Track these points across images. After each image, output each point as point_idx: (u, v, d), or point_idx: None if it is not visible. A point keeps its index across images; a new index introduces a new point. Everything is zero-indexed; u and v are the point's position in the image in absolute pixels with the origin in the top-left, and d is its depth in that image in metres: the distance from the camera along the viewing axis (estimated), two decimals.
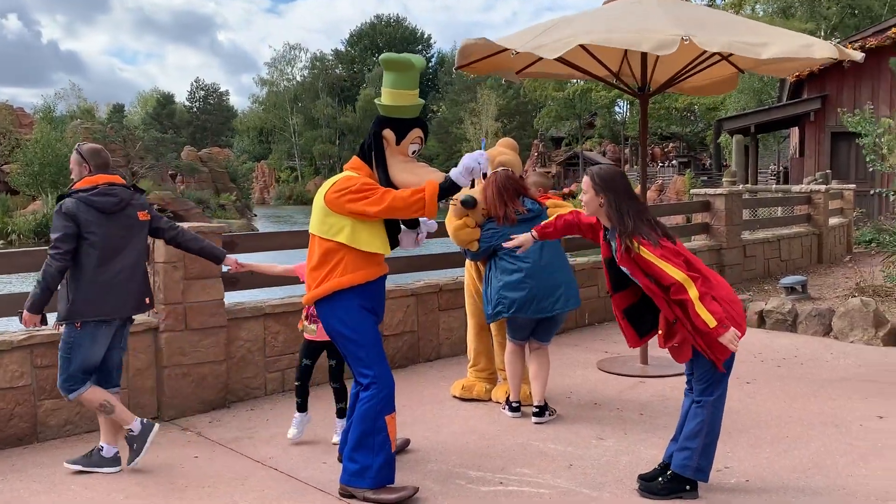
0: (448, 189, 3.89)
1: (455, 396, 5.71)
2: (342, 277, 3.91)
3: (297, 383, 4.82)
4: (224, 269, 5.06)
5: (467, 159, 3.85)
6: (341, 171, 4.21)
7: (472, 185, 5.37)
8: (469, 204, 4.52)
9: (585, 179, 4.02)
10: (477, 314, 5.68)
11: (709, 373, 3.89)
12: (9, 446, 4.77)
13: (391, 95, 4.03)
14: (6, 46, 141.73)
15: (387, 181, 4.00)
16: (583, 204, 4.06)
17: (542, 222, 4.98)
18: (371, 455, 3.90)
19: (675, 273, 3.69)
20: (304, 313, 4.74)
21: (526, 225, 4.92)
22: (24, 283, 19.20)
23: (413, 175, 4.01)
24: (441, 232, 7.26)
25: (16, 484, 4.22)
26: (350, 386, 4.17)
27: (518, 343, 5.22)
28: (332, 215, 3.93)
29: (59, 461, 4.52)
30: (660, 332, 3.96)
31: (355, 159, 4.11)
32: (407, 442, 4.66)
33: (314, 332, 4.63)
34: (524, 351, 5.26)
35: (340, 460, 4.11)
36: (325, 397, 5.40)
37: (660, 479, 3.95)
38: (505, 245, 4.55)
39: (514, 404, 5.24)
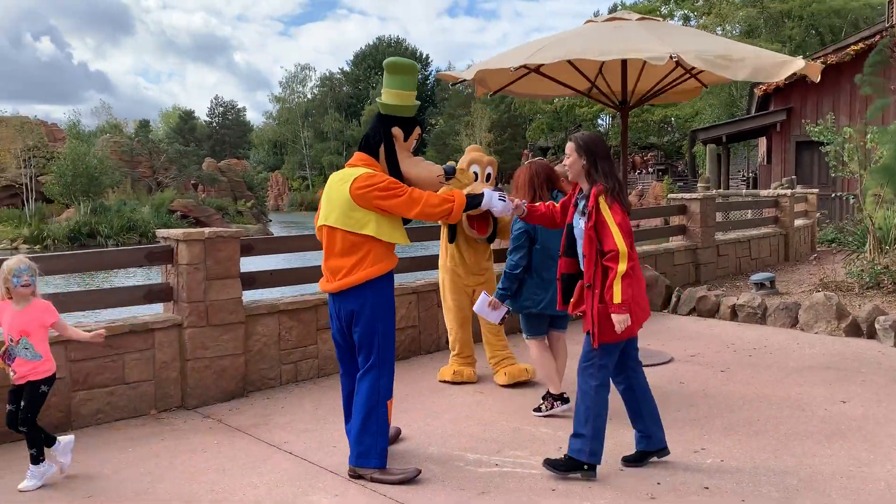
0: (471, 205, 4.05)
1: (446, 381, 5.73)
2: (372, 267, 3.91)
3: (19, 430, 3.95)
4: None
5: (500, 204, 4.12)
6: (343, 166, 4.19)
7: (488, 179, 5.53)
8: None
9: (569, 144, 4.00)
10: (456, 308, 5.71)
11: (592, 352, 3.87)
12: None
13: (398, 96, 4.07)
14: (40, 67, 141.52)
15: (396, 174, 4.03)
16: (566, 167, 4.03)
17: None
18: (375, 437, 3.91)
19: (620, 243, 3.73)
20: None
21: None
22: (56, 285, 19.20)
23: (420, 168, 4.12)
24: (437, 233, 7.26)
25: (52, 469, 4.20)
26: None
27: (540, 338, 5.04)
28: (357, 210, 3.89)
29: (91, 447, 4.51)
30: (573, 298, 3.99)
31: (363, 155, 4.07)
32: (398, 431, 4.54)
33: (13, 374, 3.92)
34: (546, 343, 5.12)
35: None
36: (336, 386, 5.39)
37: (562, 458, 3.94)
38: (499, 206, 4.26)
39: (565, 396, 4.96)
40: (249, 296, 5.79)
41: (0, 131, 43.97)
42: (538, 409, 4.96)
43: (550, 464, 3.94)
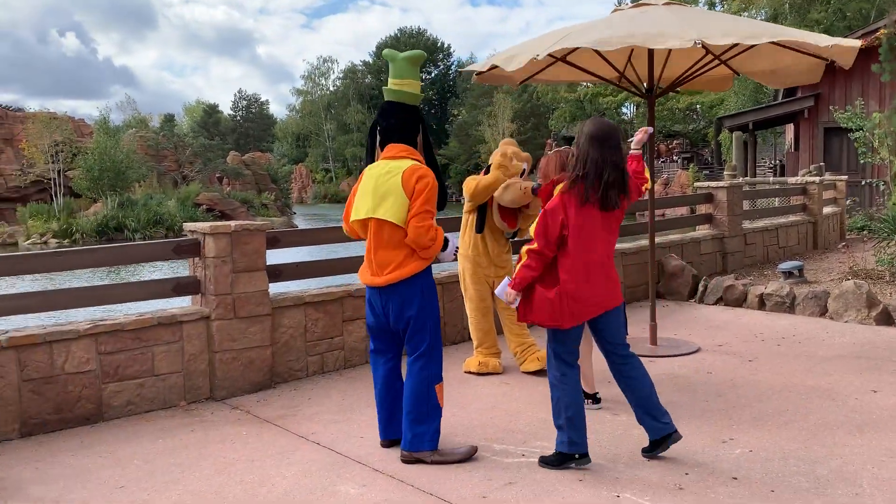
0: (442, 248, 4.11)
1: (471, 372, 5.75)
2: (420, 260, 3.99)
3: None
4: None
5: (451, 246, 4.14)
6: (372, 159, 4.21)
7: (532, 171, 5.50)
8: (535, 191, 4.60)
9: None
10: (478, 298, 5.70)
11: (548, 344, 3.98)
12: (77, 425, 4.83)
13: (418, 87, 4.17)
14: (66, 62, 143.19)
15: (432, 161, 4.15)
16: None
17: None
18: (429, 421, 4.01)
19: (535, 232, 3.86)
20: None
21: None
22: (76, 279, 19.46)
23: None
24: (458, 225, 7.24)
25: (84, 460, 4.28)
26: None
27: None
28: (409, 203, 3.92)
29: (122, 438, 4.58)
30: None
31: (405, 147, 4.08)
32: (475, 449, 4.42)
33: None
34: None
35: None
36: (362, 377, 5.44)
37: (553, 454, 3.96)
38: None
39: (597, 395, 4.91)
40: (276, 288, 5.82)
41: (28, 127, 44.54)
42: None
43: (545, 461, 3.96)
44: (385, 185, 3.96)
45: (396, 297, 3.99)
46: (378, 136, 4.16)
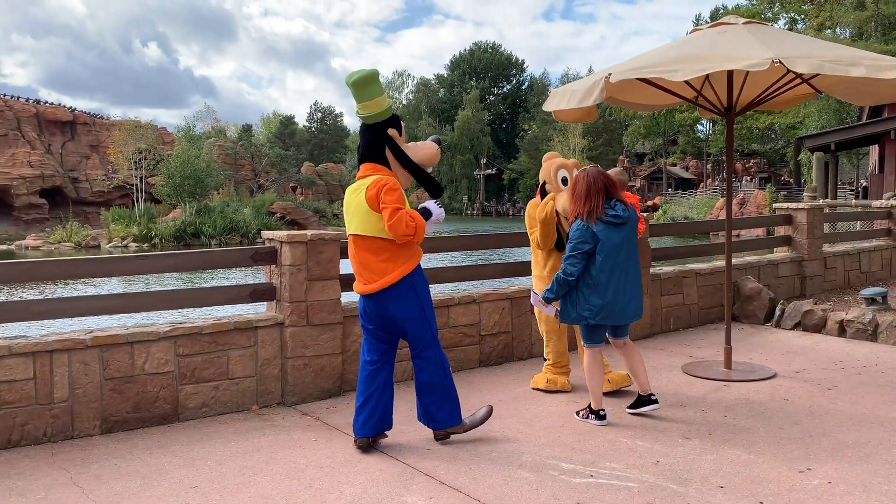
0: (427, 219, 4.40)
1: (538, 389, 5.70)
2: (405, 264, 4.34)
3: None
4: None
5: (439, 211, 4.45)
6: (354, 179, 4.64)
7: (565, 184, 5.42)
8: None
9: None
10: (553, 320, 5.64)
11: None
12: (154, 425, 4.98)
13: (376, 104, 4.41)
14: (148, 72, 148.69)
15: (409, 164, 4.45)
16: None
17: (633, 227, 4.88)
18: (451, 400, 4.53)
19: None
20: None
21: (615, 229, 4.73)
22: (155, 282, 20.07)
23: (420, 150, 4.52)
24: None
25: (160, 458, 4.40)
26: None
27: (597, 346, 4.91)
28: (374, 215, 4.28)
29: (196, 439, 4.70)
30: None
31: (370, 164, 4.43)
32: (490, 408, 4.79)
33: None
34: (602, 356, 5.03)
35: None
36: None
37: None
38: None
39: (601, 412, 4.91)
40: (348, 297, 5.90)
41: (114, 134, 46.34)
42: (577, 413, 5.07)
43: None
44: (354, 203, 4.39)
45: (391, 302, 4.35)
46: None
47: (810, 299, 8.95)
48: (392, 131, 4.43)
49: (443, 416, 4.52)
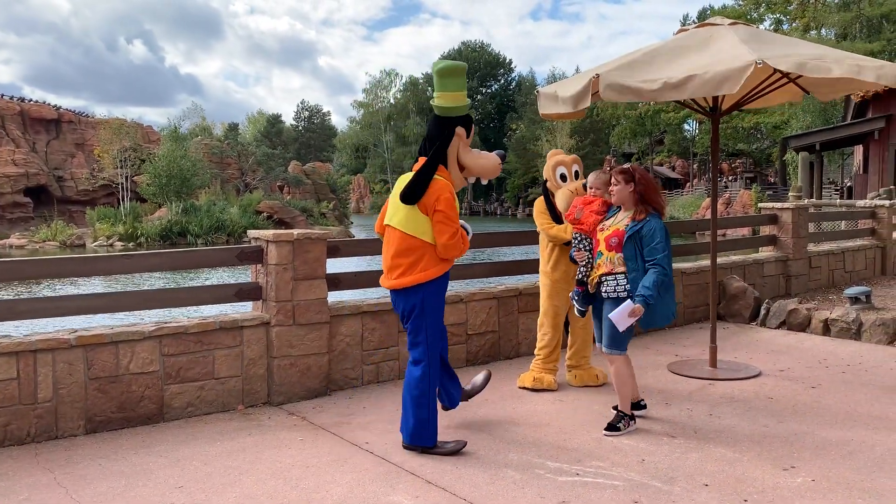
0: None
1: (525, 388, 5.72)
2: (425, 272, 4.21)
3: None
4: None
5: (470, 233, 4.48)
6: (411, 170, 4.41)
7: (564, 180, 5.59)
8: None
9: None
10: (553, 312, 5.71)
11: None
12: (139, 425, 4.96)
13: (455, 98, 4.28)
14: (134, 70, 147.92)
15: (460, 169, 4.35)
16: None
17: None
18: (419, 420, 4.32)
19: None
20: None
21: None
22: (143, 282, 19.98)
23: (485, 159, 4.44)
24: (521, 239, 7.26)
25: (145, 458, 4.38)
26: None
27: (626, 353, 4.82)
28: (420, 214, 4.16)
29: (182, 439, 4.68)
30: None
31: (438, 166, 4.28)
32: (464, 444, 4.46)
33: None
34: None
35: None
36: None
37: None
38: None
39: (642, 402, 5.02)
40: (334, 297, 5.90)
41: (99, 133, 46.04)
42: (615, 429, 4.70)
43: None
44: (403, 196, 4.25)
45: (402, 302, 4.34)
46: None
47: (795, 298, 9.01)
48: (460, 130, 4.30)
49: (406, 428, 4.38)
